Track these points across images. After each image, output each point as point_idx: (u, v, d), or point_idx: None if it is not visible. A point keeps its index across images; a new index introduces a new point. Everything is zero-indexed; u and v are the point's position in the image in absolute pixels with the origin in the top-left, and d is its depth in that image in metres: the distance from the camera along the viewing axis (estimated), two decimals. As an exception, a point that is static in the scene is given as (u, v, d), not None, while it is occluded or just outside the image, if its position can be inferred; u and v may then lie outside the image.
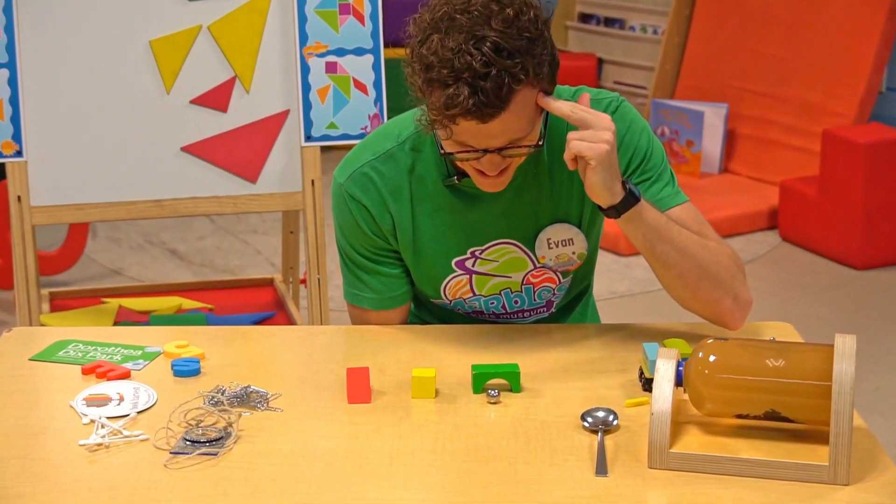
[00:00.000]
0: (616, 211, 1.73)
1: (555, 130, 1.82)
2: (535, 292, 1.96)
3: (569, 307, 2.05)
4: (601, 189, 1.71)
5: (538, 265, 1.92)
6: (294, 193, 2.81)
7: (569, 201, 1.89)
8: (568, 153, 1.71)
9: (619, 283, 4.33)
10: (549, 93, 1.71)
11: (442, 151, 1.75)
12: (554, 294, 1.97)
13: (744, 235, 4.80)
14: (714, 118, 5.21)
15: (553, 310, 2.01)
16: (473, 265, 1.92)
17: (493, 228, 1.90)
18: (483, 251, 1.91)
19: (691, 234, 1.78)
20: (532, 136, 1.72)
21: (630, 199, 1.73)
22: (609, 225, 1.91)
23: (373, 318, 1.96)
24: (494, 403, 1.68)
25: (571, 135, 1.71)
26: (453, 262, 1.92)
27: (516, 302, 1.97)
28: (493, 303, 1.96)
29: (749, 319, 1.89)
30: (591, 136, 1.69)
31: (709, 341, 1.56)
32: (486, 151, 1.70)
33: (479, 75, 1.62)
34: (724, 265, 1.80)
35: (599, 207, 1.75)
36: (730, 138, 5.28)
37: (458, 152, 1.72)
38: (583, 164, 1.71)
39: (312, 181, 2.79)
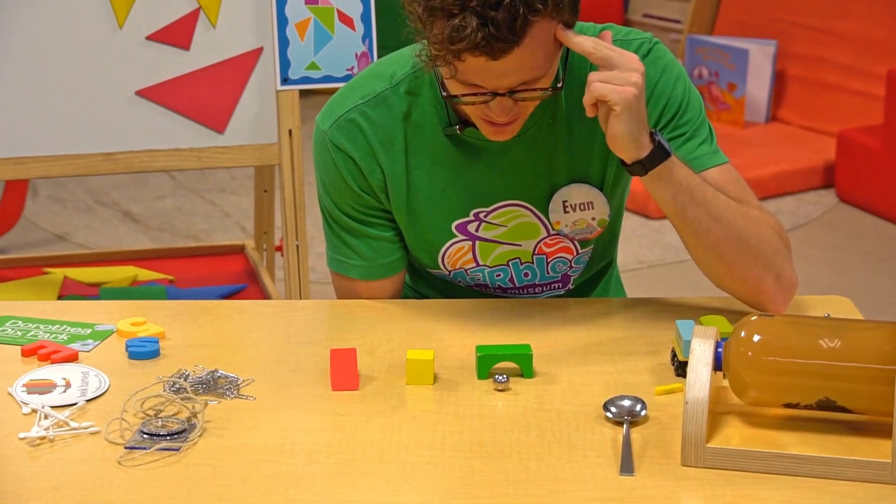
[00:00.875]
0: (642, 167, 1.73)
1: (575, 74, 1.81)
2: (548, 264, 1.96)
3: (588, 284, 2.05)
4: (626, 140, 1.71)
5: (552, 232, 1.92)
6: (268, 145, 2.80)
7: (589, 158, 1.89)
8: (588, 96, 1.70)
9: (648, 250, 4.34)
10: (569, 26, 1.70)
11: (444, 94, 1.75)
12: (570, 267, 1.97)
13: (795, 195, 4.80)
14: (760, 57, 5.20)
15: (570, 286, 2.01)
16: (477, 230, 1.92)
17: (501, 187, 1.90)
18: (488, 214, 1.91)
19: (729, 199, 1.78)
20: (549, 77, 1.72)
21: (659, 154, 1.73)
22: (637, 183, 1.91)
23: (361, 290, 1.97)
24: (502, 391, 1.68)
25: (593, 75, 1.70)
26: (454, 226, 1.92)
27: (526, 275, 1.97)
28: (499, 275, 1.96)
29: (801, 292, 1.89)
30: (617, 77, 1.68)
31: (753, 318, 1.56)
32: (495, 94, 1.70)
33: (490, 4, 1.61)
34: (767, 238, 1.80)
35: (622, 163, 1.75)
36: (778, 81, 5.27)
37: (464, 95, 1.72)
38: (605, 109, 1.70)
39: (290, 131, 2.78)
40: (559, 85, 1.74)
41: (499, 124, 1.75)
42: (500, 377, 1.68)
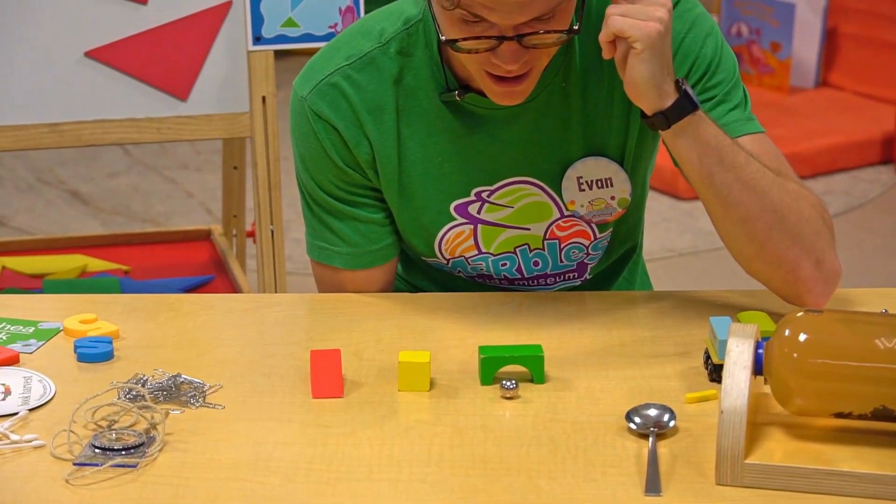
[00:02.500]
0: (664, 119, 1.73)
1: (592, 30, 1.82)
2: (561, 251, 1.96)
3: (608, 274, 2.05)
4: (647, 86, 1.71)
5: (566, 213, 1.93)
6: (238, 115, 2.80)
7: (606, 127, 1.89)
8: (605, 32, 1.71)
9: (677, 236, 4.34)
10: None
11: (443, 38, 1.75)
12: (587, 254, 1.98)
13: (848, 172, 4.80)
14: (809, 12, 5.20)
15: (587, 276, 2.01)
16: (479, 211, 1.92)
17: (507, 162, 1.90)
18: (493, 193, 1.91)
19: (765, 167, 1.79)
20: (564, 17, 1.72)
21: (685, 105, 1.74)
22: (665, 159, 1.91)
23: (346, 281, 1.97)
24: (510, 398, 1.69)
25: (612, 9, 1.71)
26: (452, 207, 1.92)
27: (536, 263, 1.97)
28: (504, 264, 1.97)
29: (855, 283, 1.89)
30: (639, 11, 1.69)
31: (798, 314, 1.56)
32: (502, 38, 1.70)
33: None
34: (807, 216, 1.80)
35: (642, 115, 1.75)
36: (830, 40, 5.26)
37: (465, 39, 1.72)
38: (623, 48, 1.71)
39: (263, 98, 2.78)
40: (576, 27, 1.75)
41: (508, 80, 1.75)
42: (508, 383, 1.68)
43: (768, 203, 1.77)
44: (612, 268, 2.05)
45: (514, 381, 1.69)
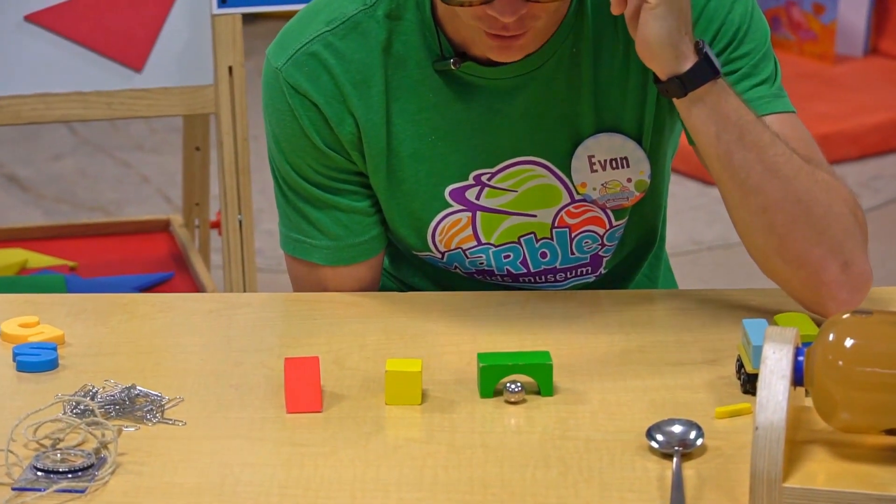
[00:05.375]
0: (681, 85, 1.74)
1: None
2: (572, 241, 1.97)
3: (627, 270, 2.05)
4: (662, 46, 1.72)
5: (577, 197, 1.93)
6: (201, 88, 2.80)
7: (621, 99, 1.90)
8: None
9: (705, 227, 4.34)
10: None
11: None
12: (602, 245, 1.98)
13: (900, 154, 4.81)
14: (856, -30, 5.20)
15: (602, 271, 2.02)
16: (478, 197, 1.93)
17: (509, 140, 1.90)
18: (493, 176, 1.92)
19: (793, 151, 1.79)
20: None
21: (705, 70, 1.74)
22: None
23: (327, 279, 1.98)
24: (515, 403, 1.69)
25: None
26: (447, 192, 1.93)
27: (544, 255, 1.98)
28: (507, 256, 1.97)
29: (907, 284, 1.89)
30: None
31: (844, 316, 1.56)
32: None
33: None
34: (837, 211, 1.80)
35: (656, 79, 1.76)
36: (881, 1, 5.26)
37: None
38: (636, 2, 1.71)
39: (230, 69, 2.78)
40: None
41: (505, 37, 1.75)
42: (513, 385, 1.69)
43: (793, 191, 1.77)
44: (630, 262, 2.05)
45: (518, 384, 1.69)
